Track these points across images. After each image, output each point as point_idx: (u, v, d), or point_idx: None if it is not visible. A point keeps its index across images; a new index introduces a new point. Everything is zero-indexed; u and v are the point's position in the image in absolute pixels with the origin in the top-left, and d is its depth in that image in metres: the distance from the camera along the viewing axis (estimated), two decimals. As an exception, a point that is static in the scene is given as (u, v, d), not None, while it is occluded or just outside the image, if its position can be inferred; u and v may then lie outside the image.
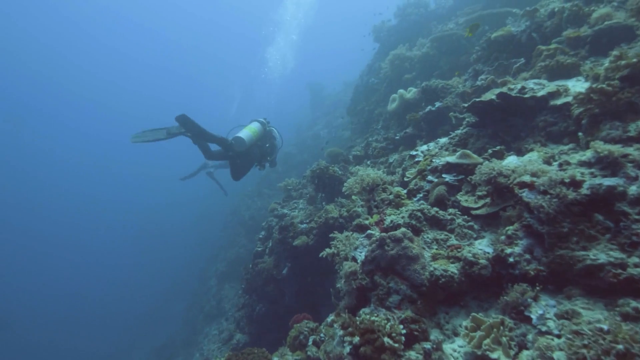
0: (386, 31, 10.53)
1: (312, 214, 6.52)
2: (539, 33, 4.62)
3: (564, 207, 1.95)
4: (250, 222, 14.16)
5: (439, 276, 2.23)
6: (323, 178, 6.38)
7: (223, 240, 16.25)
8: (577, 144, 2.81)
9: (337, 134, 14.85)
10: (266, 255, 7.63)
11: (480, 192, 2.62)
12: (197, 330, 13.39)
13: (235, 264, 13.55)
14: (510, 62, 4.77)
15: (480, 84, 4.81)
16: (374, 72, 10.27)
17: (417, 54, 8.32)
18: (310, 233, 5.92)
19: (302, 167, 15.39)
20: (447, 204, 2.77)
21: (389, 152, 6.84)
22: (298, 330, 3.56)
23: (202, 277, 15.98)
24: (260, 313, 7.20)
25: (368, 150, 7.36)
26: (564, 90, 3.11)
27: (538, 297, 1.88)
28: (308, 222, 6.27)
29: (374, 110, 9.41)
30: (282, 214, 7.96)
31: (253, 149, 5.69)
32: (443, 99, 5.48)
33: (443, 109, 5.30)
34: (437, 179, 2.96)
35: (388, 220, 2.81)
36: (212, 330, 12.57)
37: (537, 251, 2.02)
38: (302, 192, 8.35)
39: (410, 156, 3.95)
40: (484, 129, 3.38)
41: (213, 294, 13.75)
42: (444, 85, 5.62)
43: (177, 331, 15.44)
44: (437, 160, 3.13)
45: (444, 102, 5.33)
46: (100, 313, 23.42)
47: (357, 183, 3.39)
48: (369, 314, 2.29)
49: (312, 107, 22.35)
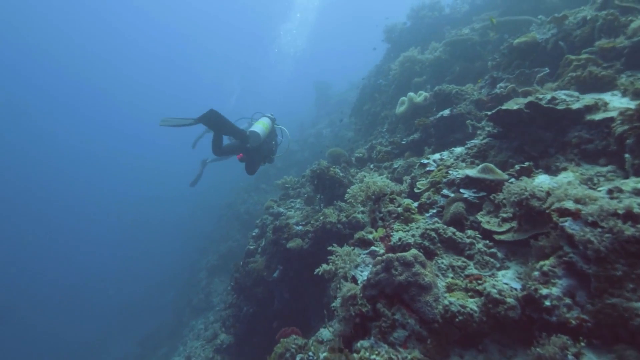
0: (398, 32, 10.12)
1: (308, 215, 6.14)
2: (566, 42, 4.24)
3: (619, 245, 1.57)
4: (245, 216, 13.77)
5: (456, 313, 1.84)
6: (323, 179, 5.99)
7: (216, 233, 15.86)
8: (617, 167, 2.43)
9: (340, 133, 14.45)
10: (258, 254, 7.24)
11: (505, 214, 2.24)
12: (183, 322, 13.02)
13: (227, 258, 13.18)
14: (533, 71, 4.37)
15: (500, 92, 4.43)
16: (383, 74, 9.86)
17: (429, 57, 7.92)
18: (306, 236, 5.53)
19: (302, 165, 14.99)
20: (465, 224, 2.39)
21: (393, 156, 6.45)
22: (285, 347, 3.17)
23: (193, 269, 15.59)
24: (247, 314, 6.82)
25: (372, 153, 6.98)
26: (603, 105, 2.72)
27: (582, 355, 1.51)
28: (304, 224, 5.88)
29: (379, 112, 9.02)
30: (278, 213, 7.58)
31: (263, 145, 5.71)
32: (456, 105, 5.09)
33: (456, 116, 4.92)
34: (454, 194, 2.58)
35: (396, 237, 2.42)
36: (199, 324, 12.20)
37: (580, 296, 1.64)
38: (300, 192, 7.96)
39: (421, 164, 3.56)
40: (506, 140, 2.99)
41: (202, 287, 13.37)
42: (458, 91, 5.23)
43: (164, 322, 15.05)
44: (455, 173, 2.74)
45: (458, 109, 4.94)
46: (89, 302, 23.00)
47: (362, 191, 2.99)
48: (369, 350, 1.91)
49: (317, 105, 21.93)
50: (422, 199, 2.74)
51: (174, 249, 21.85)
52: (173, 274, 18.54)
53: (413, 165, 5.60)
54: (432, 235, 2.27)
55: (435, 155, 3.57)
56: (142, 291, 20.79)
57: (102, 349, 18.23)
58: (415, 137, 5.92)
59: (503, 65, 4.84)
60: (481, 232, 2.30)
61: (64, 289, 25.49)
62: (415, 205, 2.75)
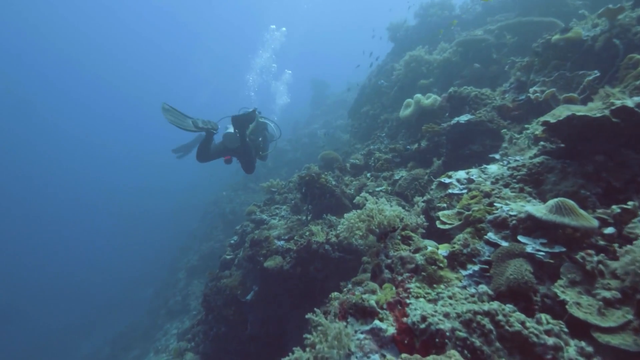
0: (404, 31, 9.13)
1: (293, 228, 5.10)
2: (623, 39, 3.29)
3: None
4: (230, 216, 12.64)
5: None
6: (312, 187, 4.96)
7: (200, 231, 14.69)
8: None
9: (336, 135, 13.42)
10: (234, 266, 6.18)
11: (610, 294, 1.25)
12: (158, 325, 11.84)
13: (208, 259, 12.05)
14: (576, 74, 3.42)
15: (534, 97, 3.46)
16: (385, 74, 8.87)
17: (438, 58, 6.95)
18: (288, 254, 4.50)
19: (293, 165, 13.91)
20: (534, 301, 1.40)
21: (394, 165, 5.46)
22: None
23: (172, 267, 14.40)
24: (218, 334, 5.76)
25: (369, 160, 5.97)
26: None
27: None
28: (287, 238, 4.84)
29: (379, 115, 8.02)
30: (260, 220, 6.52)
31: (248, 143, 5.14)
32: (475, 111, 4.12)
33: (475, 124, 3.94)
34: (508, 243, 1.59)
35: (416, 312, 1.42)
36: (172, 329, 11.07)
37: None
38: (287, 197, 6.91)
39: (441, 184, 2.56)
40: (574, 162, 2.01)
41: (180, 289, 12.22)
42: (477, 94, 4.25)
43: (139, 321, 13.84)
44: (505, 208, 1.76)
45: (477, 115, 3.97)
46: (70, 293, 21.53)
47: (363, 221, 1.98)
48: None
49: (313, 104, 20.78)
50: (454, 246, 1.73)
51: (158, 243, 20.55)
52: (153, 270, 17.30)
53: (419, 178, 4.61)
54: (483, 324, 1.26)
55: (460, 174, 2.57)
56: (122, 285, 19.46)
57: (73, 343, 16.87)
58: (422, 145, 4.94)
59: (537, 66, 3.88)
60: (566, 318, 1.30)
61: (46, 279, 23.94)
62: (444, 254, 1.74)
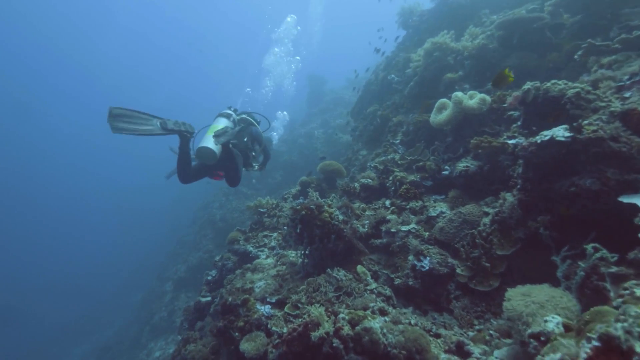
0: (418, 16, 7.24)
1: (285, 279, 3.37)
2: None
3: None
4: (220, 223, 10.86)
5: None
6: (311, 226, 3.20)
7: (189, 237, 12.92)
8: None
9: (334, 136, 11.57)
10: (209, 316, 4.46)
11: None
12: (142, 344, 10.17)
13: (196, 271, 10.33)
14: None
15: None
16: (395, 67, 7.02)
17: (468, 45, 5.12)
18: (274, 338, 2.77)
19: (289, 168, 12.09)
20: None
21: (424, 192, 3.71)
22: None
23: (160, 275, 12.64)
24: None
25: (386, 179, 4.21)
26: None
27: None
28: (275, 301, 3.11)
29: (389, 116, 6.22)
30: (245, 252, 4.79)
31: (230, 152, 3.75)
32: (575, 122, 2.36)
33: (580, 144, 2.20)
34: None
35: None
36: (156, 349, 9.42)
37: None
38: (279, 221, 5.16)
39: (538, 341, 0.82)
40: None
41: (166, 303, 10.52)
42: (579, 93, 2.48)
43: (125, 333, 12.17)
44: None
45: (588, 128, 2.22)
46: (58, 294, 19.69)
47: None
48: None
49: (309, 102, 18.72)
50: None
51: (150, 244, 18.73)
52: (144, 274, 15.54)
53: (470, 220, 2.88)
54: None
55: None
56: (114, 288, 17.71)
57: (63, 349, 15.21)
58: (470, 167, 3.18)
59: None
60: None
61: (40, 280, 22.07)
62: None
